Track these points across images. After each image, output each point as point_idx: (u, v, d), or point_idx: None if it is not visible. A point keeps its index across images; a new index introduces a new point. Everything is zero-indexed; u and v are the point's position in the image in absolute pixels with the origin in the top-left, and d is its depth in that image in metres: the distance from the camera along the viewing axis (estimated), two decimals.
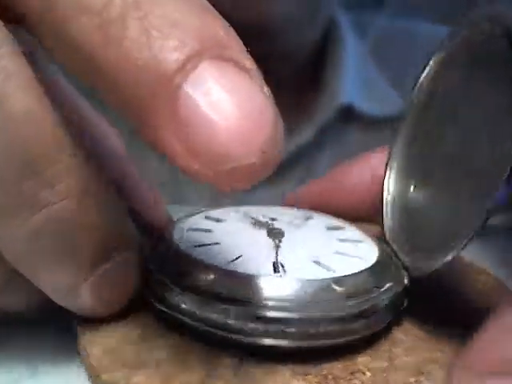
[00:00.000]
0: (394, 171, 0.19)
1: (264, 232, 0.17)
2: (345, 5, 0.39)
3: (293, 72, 0.36)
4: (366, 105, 0.36)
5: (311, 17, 0.34)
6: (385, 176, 0.19)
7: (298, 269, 0.14)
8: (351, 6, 0.40)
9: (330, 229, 0.18)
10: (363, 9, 0.41)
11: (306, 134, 0.35)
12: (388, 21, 0.41)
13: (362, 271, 0.14)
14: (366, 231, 0.18)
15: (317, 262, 0.15)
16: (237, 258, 0.14)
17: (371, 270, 0.14)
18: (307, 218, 0.19)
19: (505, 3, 0.15)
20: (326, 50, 0.36)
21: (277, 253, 0.15)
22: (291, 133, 0.35)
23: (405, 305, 0.15)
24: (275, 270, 0.14)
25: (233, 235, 0.16)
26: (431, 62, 0.18)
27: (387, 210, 0.18)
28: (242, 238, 0.16)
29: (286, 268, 0.14)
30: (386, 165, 0.19)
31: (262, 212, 0.19)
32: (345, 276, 0.14)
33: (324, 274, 0.14)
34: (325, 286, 0.13)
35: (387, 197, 0.19)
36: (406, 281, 0.15)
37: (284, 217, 0.19)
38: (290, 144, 0.35)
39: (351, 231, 0.18)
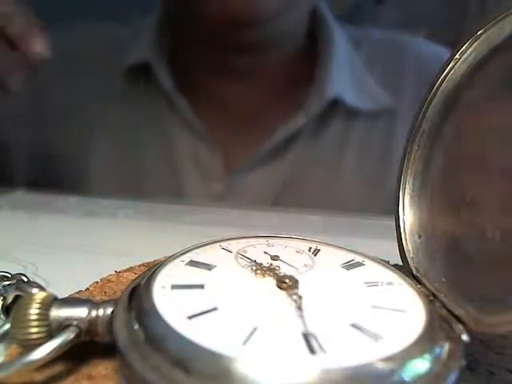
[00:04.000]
0: (408, 196, 0.16)
1: (271, 281, 0.13)
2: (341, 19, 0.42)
3: (287, 65, 0.40)
4: (353, 99, 0.40)
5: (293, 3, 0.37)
6: (398, 201, 0.16)
7: (336, 342, 0.10)
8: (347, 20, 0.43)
9: (348, 267, 0.15)
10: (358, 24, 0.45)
11: (299, 121, 0.40)
12: (381, 34, 0.45)
13: (417, 338, 0.11)
14: (385, 266, 0.15)
15: (356, 327, 0.11)
16: (252, 334, 0.10)
17: (424, 334, 0.11)
18: (314, 252, 0.16)
19: None
20: (318, 50, 0.40)
21: (303, 317, 0.11)
22: (286, 119, 0.39)
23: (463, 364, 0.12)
24: (309, 347, 0.10)
25: (234, 292, 0.12)
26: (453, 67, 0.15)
27: (410, 240, 0.15)
28: (247, 295, 0.12)
29: (320, 341, 0.10)
30: (398, 190, 0.16)
31: (257, 249, 0.16)
32: (397, 352, 0.10)
33: (370, 346, 0.10)
34: (375, 371, 0.10)
35: (403, 225, 0.15)
36: (464, 337, 0.12)
37: (286, 251, 0.15)
38: (284, 129, 0.39)
39: (372, 268, 0.15)
